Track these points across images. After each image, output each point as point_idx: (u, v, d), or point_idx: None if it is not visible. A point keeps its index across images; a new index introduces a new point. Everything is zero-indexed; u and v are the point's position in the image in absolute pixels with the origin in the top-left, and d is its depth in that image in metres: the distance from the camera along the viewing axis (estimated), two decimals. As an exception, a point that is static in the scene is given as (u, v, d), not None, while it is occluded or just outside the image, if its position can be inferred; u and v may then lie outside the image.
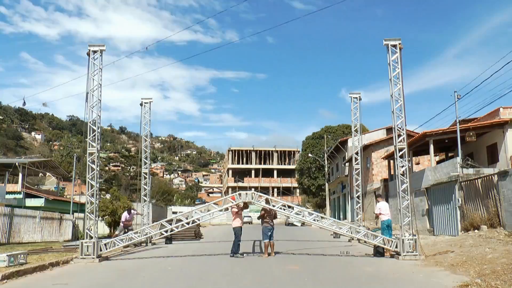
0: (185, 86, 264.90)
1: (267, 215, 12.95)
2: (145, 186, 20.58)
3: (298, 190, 72.76)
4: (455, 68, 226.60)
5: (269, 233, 12.73)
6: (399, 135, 12.83)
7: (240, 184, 79.25)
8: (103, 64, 13.21)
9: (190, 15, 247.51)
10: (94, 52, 13.13)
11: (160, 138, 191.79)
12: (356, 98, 20.81)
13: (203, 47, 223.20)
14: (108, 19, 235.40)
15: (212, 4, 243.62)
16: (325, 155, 45.34)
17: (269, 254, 12.64)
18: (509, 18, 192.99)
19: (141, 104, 20.51)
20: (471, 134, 19.13)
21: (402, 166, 12.78)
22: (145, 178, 20.59)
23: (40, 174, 39.57)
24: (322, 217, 14.34)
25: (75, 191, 40.34)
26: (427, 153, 22.81)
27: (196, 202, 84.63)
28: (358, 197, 21.13)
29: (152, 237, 17.92)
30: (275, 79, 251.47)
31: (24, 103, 26.95)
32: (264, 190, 71.37)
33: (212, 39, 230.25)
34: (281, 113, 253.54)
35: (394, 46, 13.04)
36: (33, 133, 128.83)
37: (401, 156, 12.80)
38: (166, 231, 14.45)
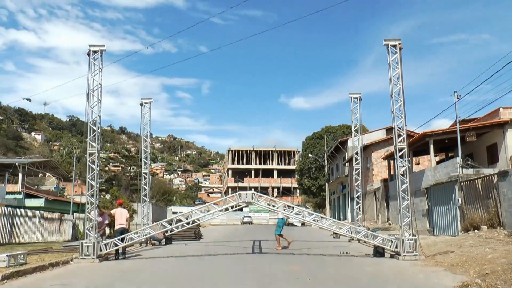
0: (140, 92, 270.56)
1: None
2: (145, 186, 20.60)
3: (298, 190, 72.72)
4: (373, 78, 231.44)
5: None
6: (399, 135, 12.84)
7: (240, 184, 79.23)
8: (103, 65, 13.23)
9: (120, 26, 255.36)
10: (94, 52, 13.13)
11: (160, 138, 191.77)
12: (356, 98, 20.80)
13: (147, 56, 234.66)
14: (45, 30, 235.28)
15: (138, 16, 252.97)
16: (325, 155, 45.35)
17: None
18: (414, 27, 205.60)
19: (141, 105, 20.68)
20: (471, 134, 19.14)
21: (402, 166, 12.79)
22: (145, 178, 20.62)
23: (40, 174, 39.61)
24: (322, 217, 14.33)
25: (75, 191, 40.41)
26: (427, 153, 22.79)
27: (196, 202, 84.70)
28: (358, 197, 21.12)
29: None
30: (221, 85, 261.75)
31: (29, 100, 28.02)
32: (264, 190, 71.39)
33: (153, 49, 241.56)
34: (243, 115, 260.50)
35: (394, 46, 13.04)
36: (33, 133, 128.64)
37: (401, 156, 12.80)
38: (166, 231, 14.46)
